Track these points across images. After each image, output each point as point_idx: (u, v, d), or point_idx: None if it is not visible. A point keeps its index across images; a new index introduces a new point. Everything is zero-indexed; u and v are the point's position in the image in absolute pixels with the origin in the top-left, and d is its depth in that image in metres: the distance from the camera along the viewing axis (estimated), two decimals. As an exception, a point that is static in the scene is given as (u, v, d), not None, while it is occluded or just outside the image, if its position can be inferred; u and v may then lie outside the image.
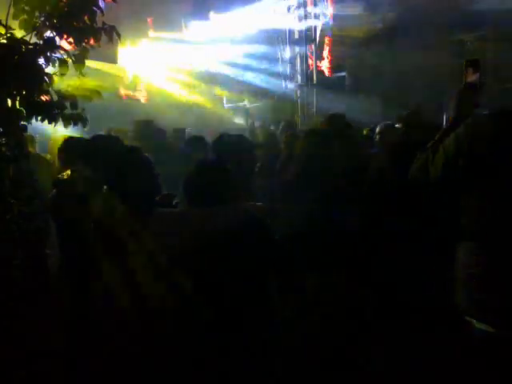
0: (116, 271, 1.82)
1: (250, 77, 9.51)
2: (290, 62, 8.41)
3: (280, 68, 8.47)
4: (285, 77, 8.19)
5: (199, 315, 1.73)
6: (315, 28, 8.07)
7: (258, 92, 9.43)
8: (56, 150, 2.98)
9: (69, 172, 2.41)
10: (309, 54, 8.06)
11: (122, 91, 10.13)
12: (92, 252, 1.91)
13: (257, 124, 6.80)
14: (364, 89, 8.14)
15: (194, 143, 3.56)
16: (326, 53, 8.76)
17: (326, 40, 8.74)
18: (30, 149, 3.47)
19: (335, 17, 8.45)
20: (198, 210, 1.77)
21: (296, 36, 8.21)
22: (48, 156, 4.30)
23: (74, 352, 2.23)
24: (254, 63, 9.26)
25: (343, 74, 9.02)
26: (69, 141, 2.85)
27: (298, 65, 8.28)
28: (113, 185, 1.96)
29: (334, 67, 8.76)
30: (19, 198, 2.07)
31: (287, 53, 8.50)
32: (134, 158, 2.02)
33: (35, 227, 2.28)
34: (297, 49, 8.30)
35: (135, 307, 1.81)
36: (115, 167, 1.97)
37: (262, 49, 9.37)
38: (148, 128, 4.14)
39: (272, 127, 7.26)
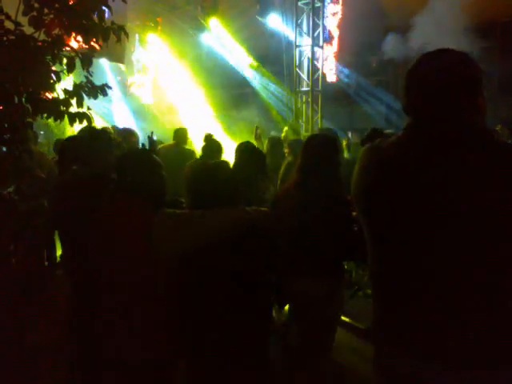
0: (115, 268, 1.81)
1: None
2: (296, 67, 8.38)
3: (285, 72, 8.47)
4: (290, 81, 8.17)
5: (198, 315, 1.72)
6: (323, 33, 8.06)
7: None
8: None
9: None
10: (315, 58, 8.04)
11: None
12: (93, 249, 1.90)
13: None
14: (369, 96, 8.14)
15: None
16: (332, 58, 8.77)
17: (333, 45, 8.76)
18: (33, 146, 3.47)
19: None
20: (200, 212, 1.76)
21: (302, 41, 8.18)
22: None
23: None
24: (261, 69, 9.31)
25: (348, 80, 9.03)
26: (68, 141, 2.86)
27: (305, 70, 8.26)
28: (130, 184, 1.94)
29: (340, 73, 8.76)
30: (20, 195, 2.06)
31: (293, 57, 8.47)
32: (148, 160, 2.01)
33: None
34: (303, 53, 8.28)
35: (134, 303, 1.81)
36: (132, 167, 1.95)
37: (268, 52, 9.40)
38: None
39: (273, 132, 7.22)
